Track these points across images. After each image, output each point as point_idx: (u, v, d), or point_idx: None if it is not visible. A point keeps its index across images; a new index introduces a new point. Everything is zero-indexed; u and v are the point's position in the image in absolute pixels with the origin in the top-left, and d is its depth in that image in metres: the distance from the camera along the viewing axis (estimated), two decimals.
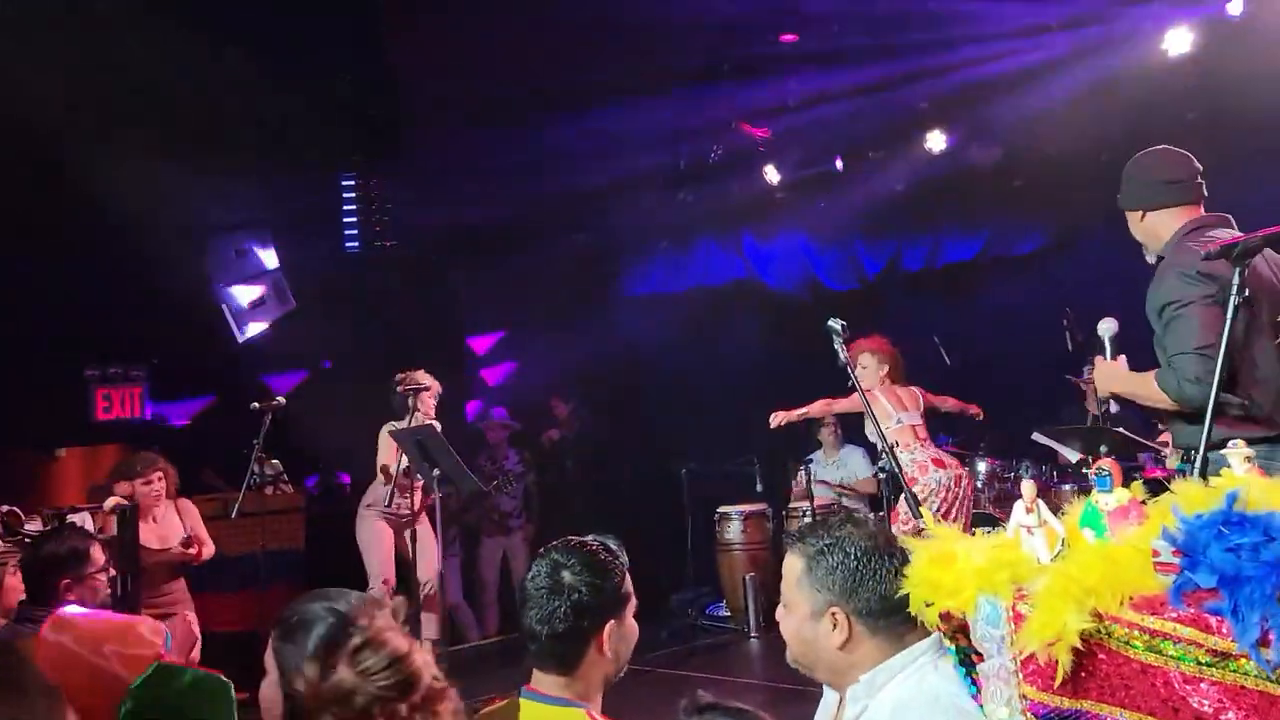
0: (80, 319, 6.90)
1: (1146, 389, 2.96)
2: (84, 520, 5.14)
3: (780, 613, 2.07)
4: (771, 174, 7.92)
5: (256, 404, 5.98)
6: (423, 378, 5.98)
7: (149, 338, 7.10)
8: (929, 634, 1.95)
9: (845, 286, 8.92)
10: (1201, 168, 3.12)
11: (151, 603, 5.06)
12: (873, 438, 5.34)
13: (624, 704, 2.16)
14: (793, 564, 2.03)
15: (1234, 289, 2.40)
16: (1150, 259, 3.21)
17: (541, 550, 2.09)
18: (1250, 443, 2.64)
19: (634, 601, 2.09)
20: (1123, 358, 3.17)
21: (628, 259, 8.76)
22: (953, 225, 8.73)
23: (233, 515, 5.72)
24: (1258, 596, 1.50)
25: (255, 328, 7.40)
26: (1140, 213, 3.14)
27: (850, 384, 4.05)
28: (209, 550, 5.56)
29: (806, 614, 1.97)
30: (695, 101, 7.10)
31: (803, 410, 6.32)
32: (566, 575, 1.99)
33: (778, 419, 6.25)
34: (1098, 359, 3.20)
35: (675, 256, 8.78)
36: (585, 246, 8.47)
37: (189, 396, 7.41)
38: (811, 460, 7.55)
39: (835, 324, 3.88)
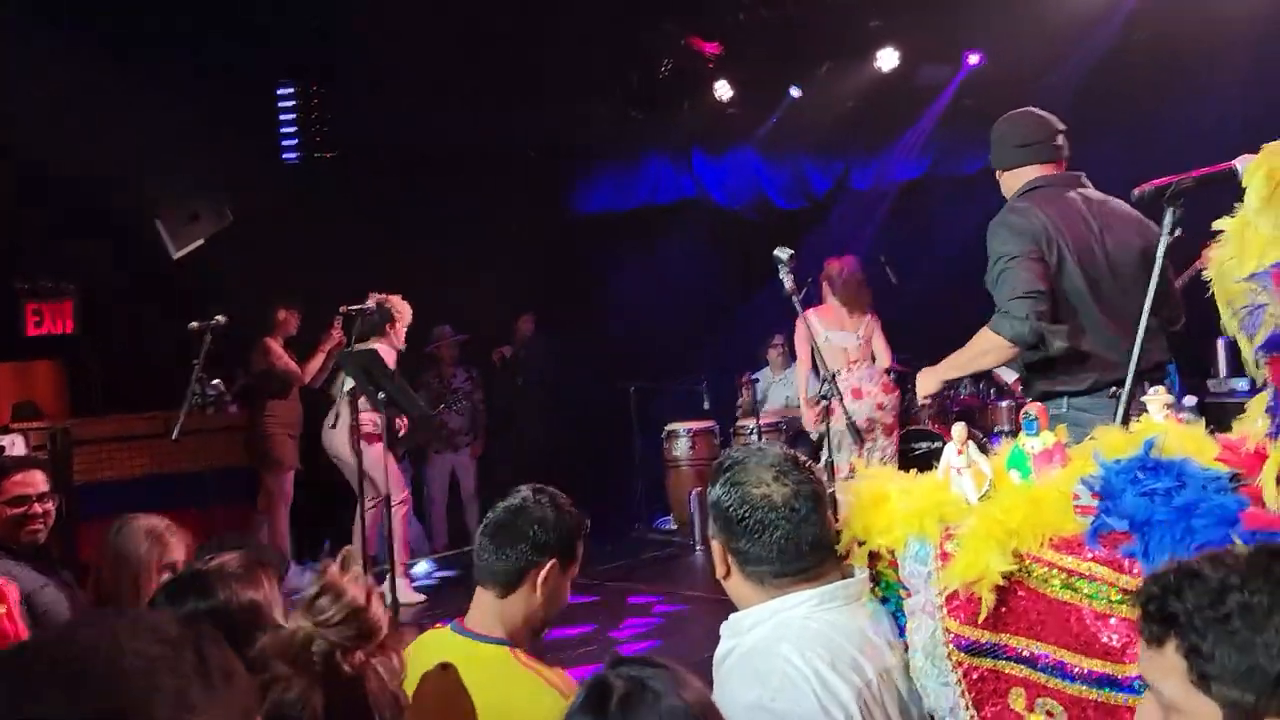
0: (9, 233, 6.66)
1: (975, 345, 3.07)
2: (13, 443, 5.06)
3: None
4: (722, 90, 7.81)
5: (195, 323, 5.86)
6: (401, 303, 5.95)
7: (80, 254, 6.86)
8: (823, 585, 1.77)
9: (794, 205, 8.91)
10: (1063, 128, 3.19)
11: None
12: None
13: (573, 612, 2.24)
14: None
15: (1165, 229, 2.41)
16: None
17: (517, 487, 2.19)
18: (1075, 394, 2.95)
19: (577, 566, 2.17)
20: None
21: (577, 177, 8.63)
22: (901, 144, 8.72)
23: (174, 436, 5.66)
24: (1167, 540, 1.58)
25: (191, 244, 7.18)
26: (998, 170, 3.29)
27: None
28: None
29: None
30: (645, 17, 6.93)
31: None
32: (538, 503, 2.10)
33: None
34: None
35: (625, 174, 8.66)
36: (534, 163, 8.31)
37: (124, 314, 7.19)
38: (758, 379, 7.63)
39: (782, 253, 3.84)
